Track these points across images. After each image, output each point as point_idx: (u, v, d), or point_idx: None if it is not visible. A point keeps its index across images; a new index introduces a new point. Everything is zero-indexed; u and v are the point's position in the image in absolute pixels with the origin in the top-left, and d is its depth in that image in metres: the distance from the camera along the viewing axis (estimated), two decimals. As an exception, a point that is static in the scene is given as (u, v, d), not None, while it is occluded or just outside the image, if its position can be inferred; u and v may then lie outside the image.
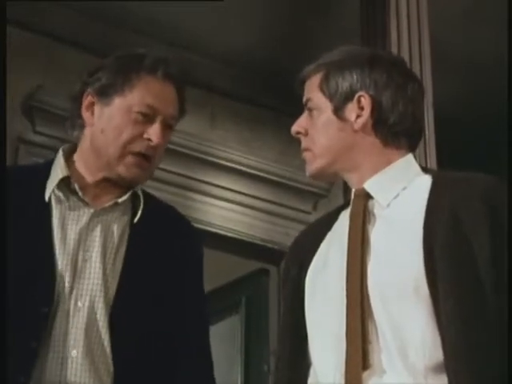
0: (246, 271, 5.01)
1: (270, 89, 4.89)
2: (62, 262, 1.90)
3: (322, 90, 1.84)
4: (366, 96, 1.79)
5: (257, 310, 4.88)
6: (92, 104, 1.99)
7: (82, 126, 2.01)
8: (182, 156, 4.53)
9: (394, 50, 3.53)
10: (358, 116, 1.80)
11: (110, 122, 1.96)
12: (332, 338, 1.68)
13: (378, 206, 1.77)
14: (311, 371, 1.76)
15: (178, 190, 4.51)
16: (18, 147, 4.19)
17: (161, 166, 2.09)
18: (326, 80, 1.83)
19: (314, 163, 1.85)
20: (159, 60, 2.00)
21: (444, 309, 1.59)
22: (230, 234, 4.71)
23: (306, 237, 1.93)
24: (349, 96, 1.81)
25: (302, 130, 1.87)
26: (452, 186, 1.72)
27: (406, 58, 3.49)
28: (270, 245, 4.76)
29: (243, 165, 4.79)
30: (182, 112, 2.07)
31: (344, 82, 1.82)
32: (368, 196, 1.78)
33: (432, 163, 3.42)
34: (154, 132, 1.95)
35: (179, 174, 4.52)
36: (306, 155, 1.87)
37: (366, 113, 1.79)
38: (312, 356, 1.75)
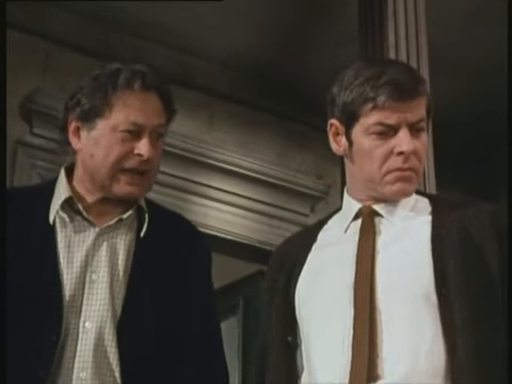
0: (244, 273, 5.00)
1: (269, 91, 4.89)
2: (69, 285, 1.89)
3: (427, 113, 1.81)
4: None
5: (254, 312, 4.87)
6: (77, 129, 1.97)
7: (73, 152, 2.00)
8: (180, 158, 4.53)
9: (392, 52, 3.54)
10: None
11: (97, 146, 1.94)
12: (336, 349, 1.69)
13: (386, 223, 1.81)
14: (302, 378, 1.77)
15: (176, 192, 4.51)
16: (16, 149, 4.19)
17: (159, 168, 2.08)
18: (428, 103, 1.82)
19: (414, 185, 1.81)
20: (134, 73, 1.96)
21: (458, 316, 1.62)
22: (227, 237, 4.71)
23: (287, 250, 1.94)
24: None
25: (416, 150, 1.78)
26: (459, 208, 1.78)
27: (404, 60, 3.49)
28: (267, 247, 4.75)
29: (241, 167, 4.79)
30: (170, 115, 2.02)
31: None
32: (376, 213, 1.82)
33: (430, 167, 3.42)
34: (143, 146, 1.93)
35: (177, 176, 4.52)
36: (410, 175, 1.79)
37: None
38: (313, 366, 1.75)
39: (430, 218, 1.77)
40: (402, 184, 1.77)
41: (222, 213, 4.72)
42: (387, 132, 1.76)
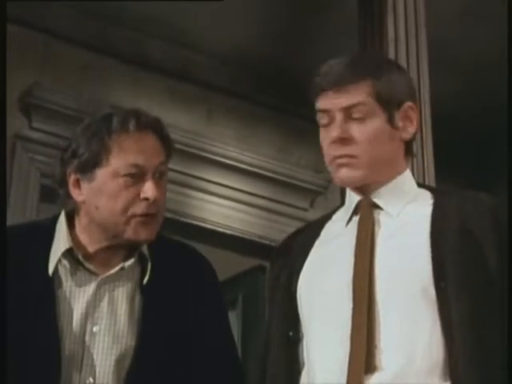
0: (243, 268, 5.00)
1: (268, 86, 4.88)
2: (69, 338, 1.84)
3: (374, 97, 1.79)
4: (414, 106, 1.81)
5: (254, 307, 4.88)
6: (77, 181, 1.91)
7: (75, 203, 1.94)
8: (179, 152, 4.49)
9: (392, 46, 3.53)
10: (406, 125, 1.81)
11: (100, 196, 1.88)
12: (335, 341, 1.69)
13: (385, 215, 1.80)
14: (303, 375, 1.77)
15: (175, 186, 4.49)
16: (15, 143, 4.18)
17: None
18: (379, 87, 1.79)
19: (361, 171, 1.80)
20: (127, 114, 1.91)
21: (456, 310, 1.62)
22: (226, 231, 4.71)
23: (290, 245, 1.93)
24: (398, 104, 1.80)
25: (348, 136, 1.79)
26: (459, 201, 1.77)
27: (403, 54, 3.50)
28: (267, 242, 4.75)
29: (240, 161, 4.78)
30: (169, 150, 1.97)
31: (396, 90, 1.81)
32: (375, 205, 1.81)
33: (429, 163, 3.41)
34: (148, 189, 1.87)
35: (175, 171, 4.50)
36: (349, 161, 1.79)
37: (416, 122, 1.81)
38: (312, 359, 1.75)
39: (430, 211, 1.77)
40: (342, 170, 1.79)
41: (221, 207, 4.71)
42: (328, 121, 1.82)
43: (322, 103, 1.80)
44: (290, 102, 4.89)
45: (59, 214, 1.98)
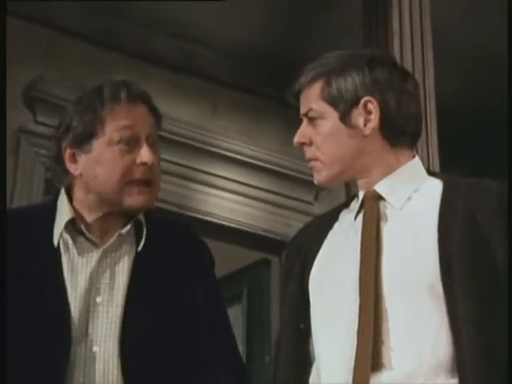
0: (248, 262, 5.01)
1: (272, 79, 4.88)
2: (74, 309, 1.87)
3: (324, 98, 1.82)
4: (373, 100, 1.79)
5: (258, 301, 4.88)
6: (73, 155, 1.95)
7: (72, 178, 1.98)
8: (184, 146, 4.53)
9: (396, 40, 3.53)
10: (367, 121, 1.80)
11: (98, 165, 1.92)
12: (342, 337, 1.69)
13: (390, 208, 1.79)
14: (313, 369, 1.76)
15: (180, 180, 4.51)
16: (20, 138, 4.18)
17: (162, 156, 2.08)
18: (327, 88, 1.82)
19: (324, 172, 1.84)
20: (118, 86, 1.95)
21: (463, 306, 1.61)
22: (231, 225, 4.71)
23: (306, 235, 1.93)
24: (354, 102, 1.80)
25: (307, 140, 1.85)
26: (466, 190, 1.75)
27: (408, 47, 3.50)
28: (271, 235, 4.76)
29: (245, 155, 4.78)
30: (158, 119, 2.01)
31: (347, 89, 1.81)
32: (379, 197, 1.80)
33: (434, 155, 3.41)
34: (144, 154, 1.91)
35: (180, 165, 4.52)
36: (314, 164, 1.85)
37: (376, 117, 1.79)
38: (318, 354, 1.75)
39: (438, 202, 1.75)
40: (314, 172, 1.86)
41: (226, 201, 4.71)
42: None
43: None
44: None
45: (58, 192, 2.02)
